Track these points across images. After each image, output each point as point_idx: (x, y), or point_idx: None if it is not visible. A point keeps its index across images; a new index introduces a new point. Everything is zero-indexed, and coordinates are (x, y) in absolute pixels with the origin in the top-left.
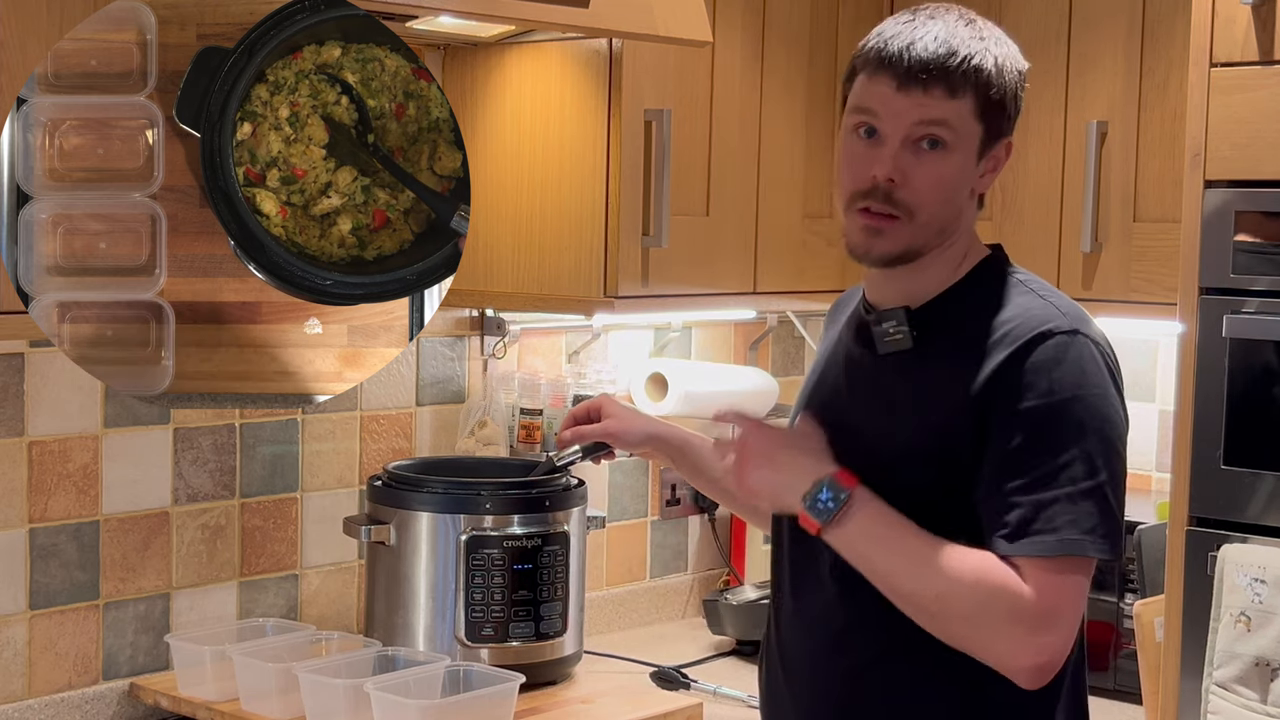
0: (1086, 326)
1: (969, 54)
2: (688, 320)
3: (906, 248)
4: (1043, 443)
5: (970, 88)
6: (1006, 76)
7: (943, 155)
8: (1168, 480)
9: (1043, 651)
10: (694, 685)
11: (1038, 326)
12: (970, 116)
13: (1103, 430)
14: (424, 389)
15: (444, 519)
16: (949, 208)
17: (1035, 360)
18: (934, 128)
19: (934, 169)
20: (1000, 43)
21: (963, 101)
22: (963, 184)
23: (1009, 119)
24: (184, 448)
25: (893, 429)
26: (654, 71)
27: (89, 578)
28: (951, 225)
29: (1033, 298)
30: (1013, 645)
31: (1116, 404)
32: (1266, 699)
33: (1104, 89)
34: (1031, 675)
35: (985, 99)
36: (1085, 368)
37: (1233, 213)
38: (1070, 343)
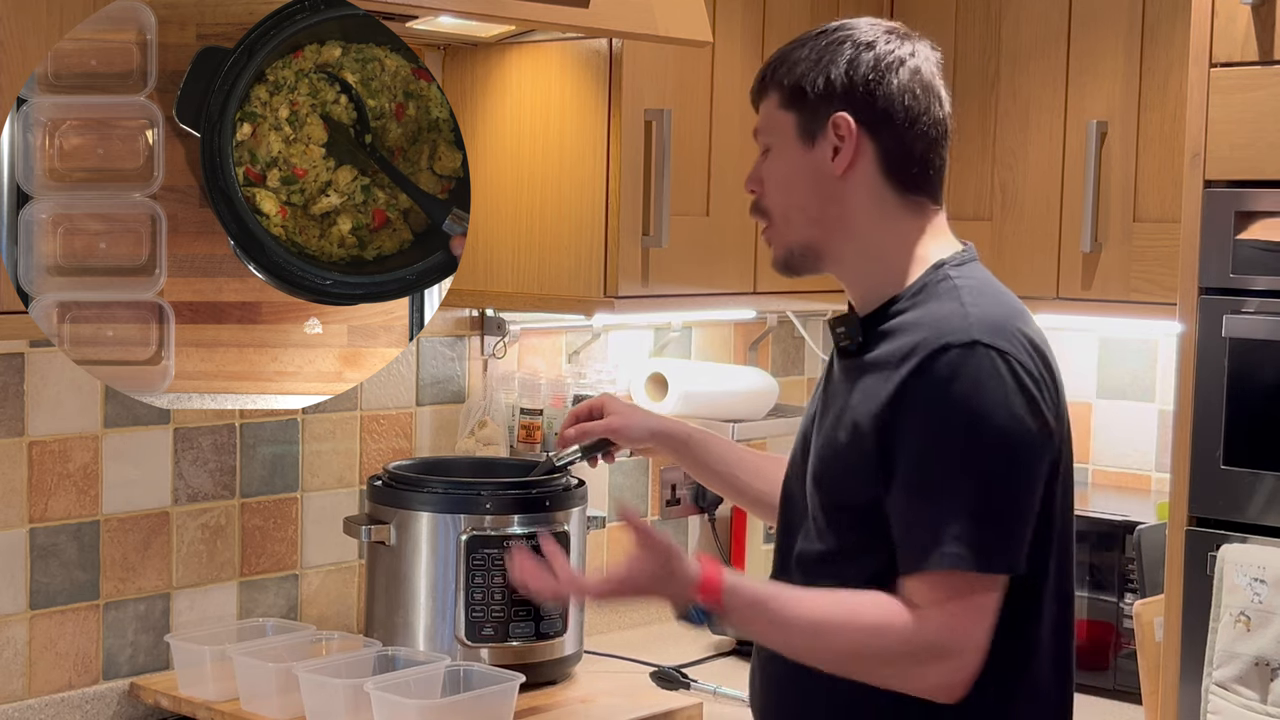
0: (992, 336)
1: (773, 61)
2: (688, 320)
3: (785, 249)
4: (931, 460)
5: (771, 87)
6: (808, 61)
7: (773, 156)
8: (1168, 480)
9: (946, 673)
10: (694, 685)
11: (937, 341)
12: (775, 110)
13: (994, 444)
14: (424, 389)
15: (444, 519)
16: (794, 196)
17: (928, 377)
18: (759, 136)
19: (769, 169)
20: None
21: (768, 101)
22: (795, 172)
23: (824, 96)
24: (184, 448)
25: (833, 431)
26: (654, 71)
27: (89, 578)
28: (822, 214)
29: (954, 305)
30: (918, 672)
31: (1016, 415)
32: (1266, 699)
33: (1104, 89)
34: (947, 695)
35: (784, 89)
36: (979, 381)
37: (1233, 213)
38: (967, 356)
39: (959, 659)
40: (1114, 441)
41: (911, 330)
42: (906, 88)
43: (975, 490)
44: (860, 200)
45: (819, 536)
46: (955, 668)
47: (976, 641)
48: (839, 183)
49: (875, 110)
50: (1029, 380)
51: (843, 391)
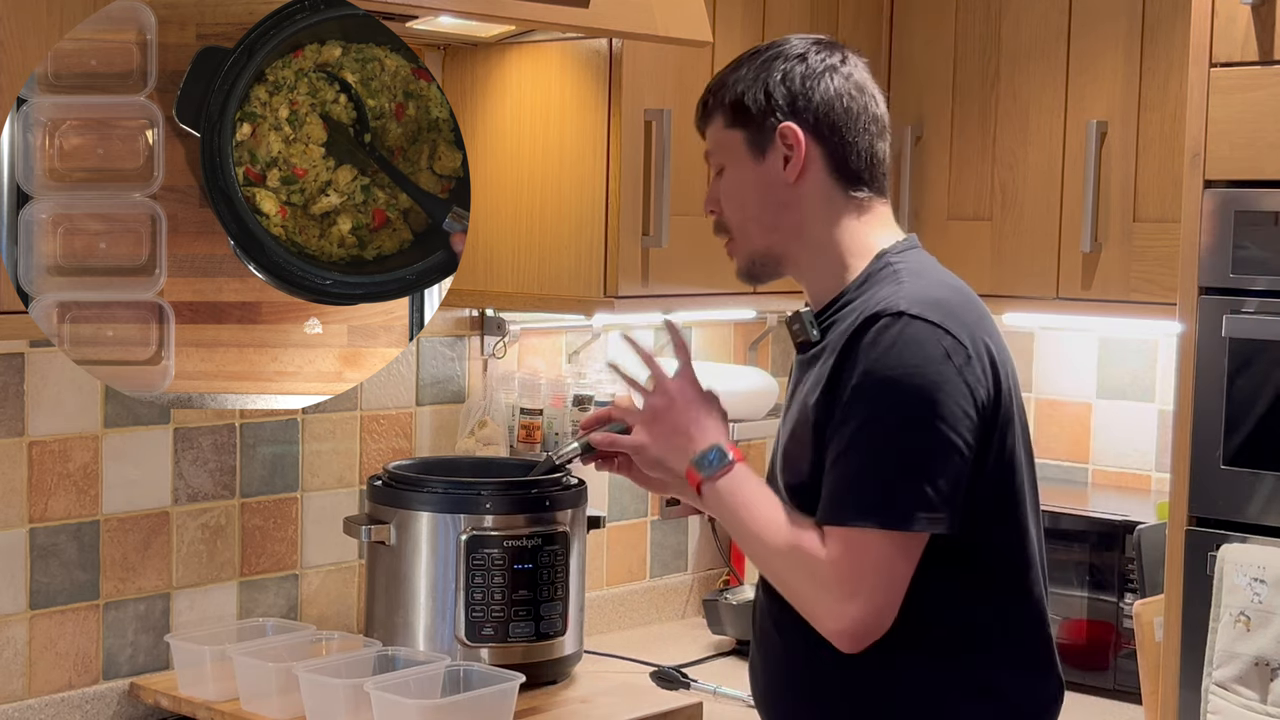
0: (921, 307)
1: (709, 86)
2: (688, 320)
3: (747, 259)
4: (854, 419)
5: (714, 109)
6: (747, 79)
7: (726, 175)
8: (1168, 480)
9: (843, 618)
10: (694, 685)
11: (869, 312)
12: (721, 130)
13: (914, 407)
14: (424, 389)
15: (444, 519)
16: (750, 209)
17: (860, 344)
18: (710, 158)
19: (722, 189)
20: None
21: (714, 123)
22: (749, 185)
23: (766, 109)
24: (184, 448)
25: (791, 420)
26: (654, 71)
27: (89, 578)
28: (779, 222)
29: (891, 286)
30: (817, 608)
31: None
32: (1266, 699)
33: (1104, 89)
34: (841, 640)
35: (726, 106)
36: (904, 347)
37: (1232, 213)
38: (893, 324)
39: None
40: (1114, 441)
41: (853, 315)
42: (841, 90)
43: (890, 449)
44: (813, 203)
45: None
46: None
47: (878, 593)
48: (792, 189)
49: (817, 115)
50: (956, 350)
51: (799, 383)
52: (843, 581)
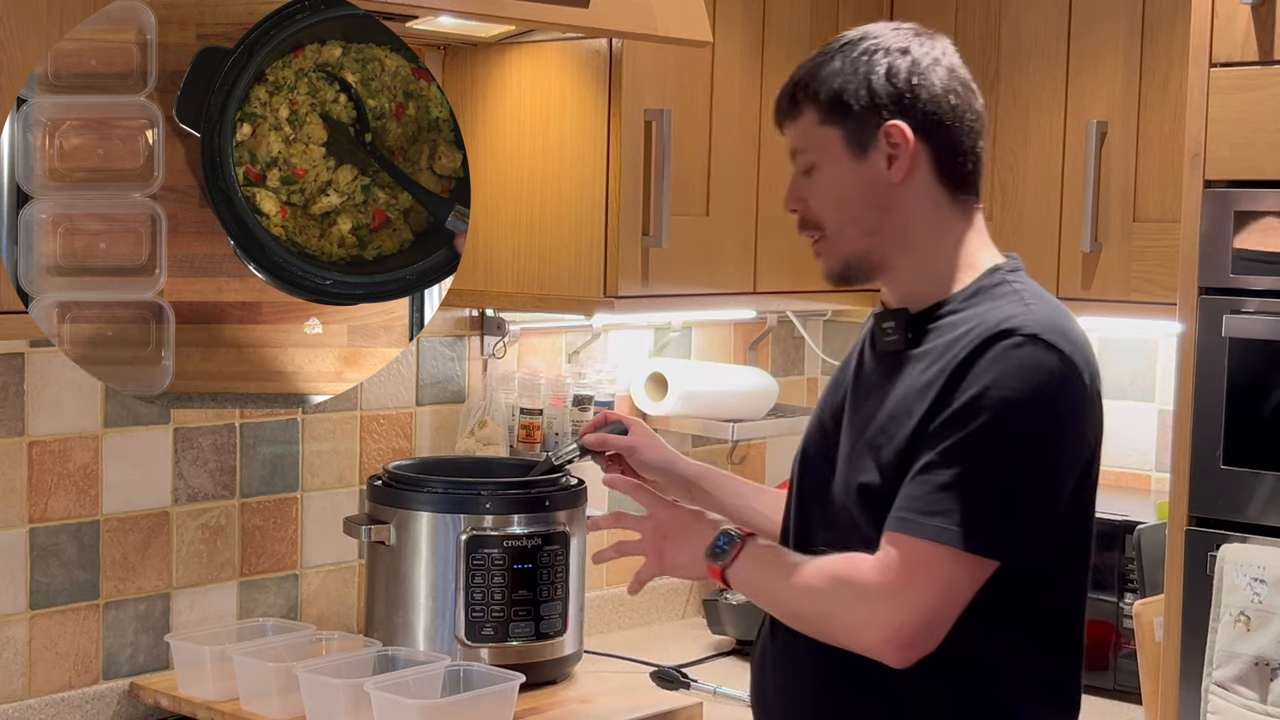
0: (1054, 334)
1: (797, 78)
2: (688, 320)
3: (842, 261)
4: (961, 432)
5: (804, 103)
6: (844, 73)
7: (817, 172)
8: (1168, 480)
9: (889, 626)
10: (694, 685)
11: (997, 327)
12: (814, 127)
13: (1028, 434)
14: (424, 389)
15: (444, 519)
16: (850, 210)
17: (982, 358)
18: (797, 156)
19: (815, 188)
20: (855, 47)
21: (804, 120)
22: (849, 185)
23: (871, 107)
24: (184, 448)
25: (874, 421)
26: (654, 71)
27: (89, 578)
28: (879, 224)
29: (1014, 304)
30: (861, 622)
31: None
32: (1266, 699)
33: (1104, 89)
34: (888, 650)
35: (821, 103)
36: (1032, 371)
37: (1232, 213)
38: (1023, 344)
39: (914, 615)
40: (1114, 441)
41: (967, 324)
42: (949, 86)
43: (988, 472)
44: (918, 206)
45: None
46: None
47: (927, 603)
48: (896, 191)
49: (925, 114)
50: (1079, 385)
51: (884, 384)
52: (891, 591)
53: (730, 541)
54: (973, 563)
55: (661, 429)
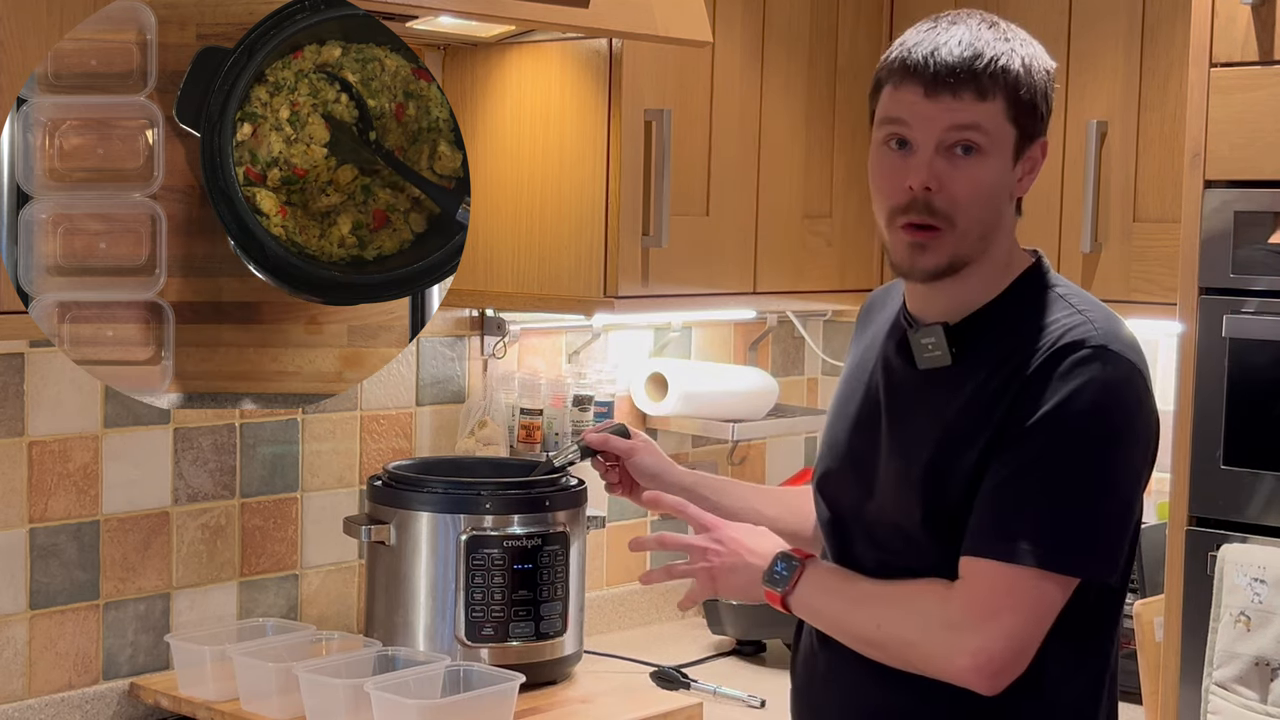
0: (1118, 343)
1: (995, 55)
2: (688, 320)
3: (951, 259)
4: (1039, 449)
5: (999, 89)
6: (1035, 76)
7: (979, 160)
8: (1168, 480)
9: (979, 654)
10: (694, 685)
11: (1063, 340)
12: (1002, 118)
13: (1109, 448)
14: (424, 389)
15: (444, 519)
16: (989, 213)
17: (1055, 373)
18: (967, 132)
19: (971, 174)
20: (1026, 43)
21: (993, 104)
22: (1001, 188)
23: (1041, 118)
24: (184, 448)
25: (931, 441)
26: (654, 71)
27: (89, 578)
28: (993, 232)
29: (1069, 313)
30: (948, 649)
31: (1136, 426)
32: (1266, 699)
33: (1104, 89)
34: (977, 679)
35: (1015, 100)
36: (1106, 384)
37: (1232, 213)
38: (1094, 358)
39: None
40: None
41: (1025, 337)
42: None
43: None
44: (1011, 219)
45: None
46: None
47: (1017, 629)
48: (1009, 203)
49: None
50: (1147, 392)
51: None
52: (978, 617)
53: (790, 566)
54: (1058, 581)
55: (661, 429)
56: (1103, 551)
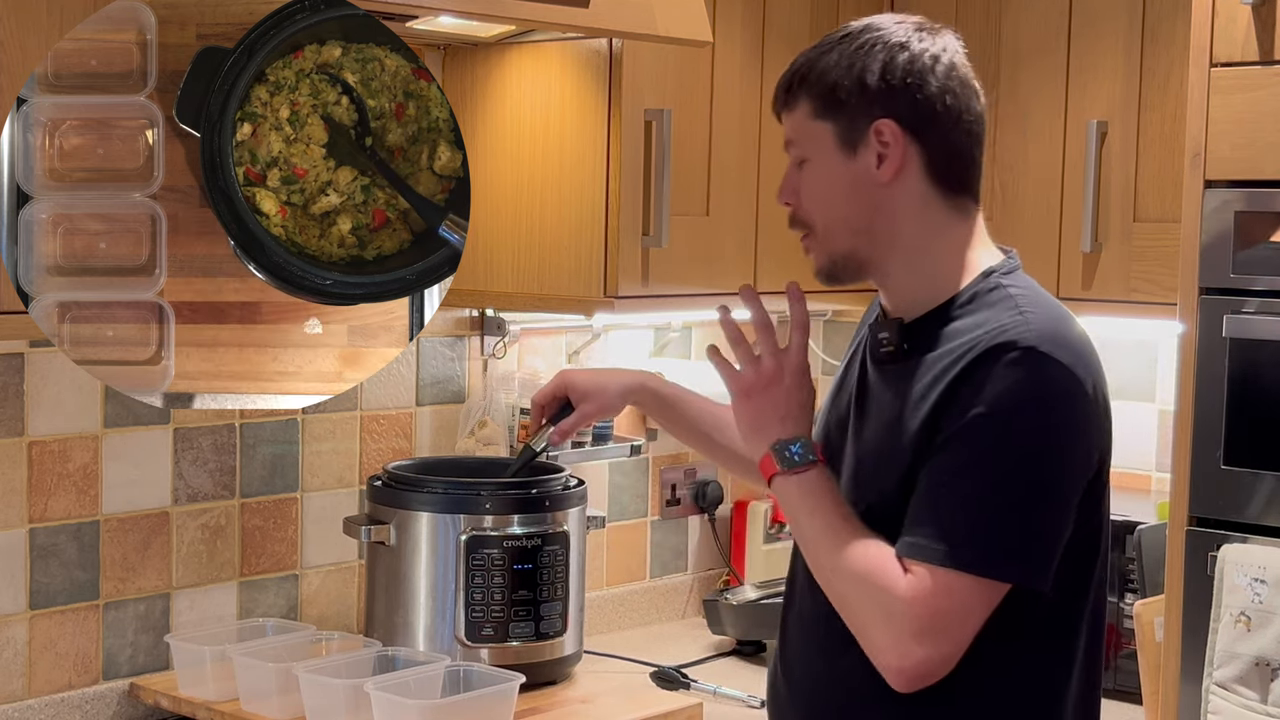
0: (1053, 345)
1: (796, 67)
2: (688, 320)
3: (828, 259)
4: (967, 453)
5: (799, 96)
6: (840, 67)
7: (808, 167)
8: (1168, 480)
9: (909, 657)
10: (694, 685)
11: (995, 340)
12: (808, 120)
13: (1034, 452)
14: (424, 389)
15: (444, 519)
16: (848, 211)
17: (982, 375)
18: (791, 148)
19: (805, 182)
20: (853, 40)
21: (798, 111)
22: (846, 185)
23: (861, 103)
24: (184, 448)
25: (873, 440)
26: (654, 71)
27: (89, 578)
28: (868, 224)
29: (1011, 312)
30: (883, 642)
31: (1065, 427)
32: (1266, 699)
33: (1104, 89)
34: (899, 678)
35: (817, 96)
36: (1033, 386)
37: (1233, 213)
38: (1024, 359)
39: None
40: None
41: (964, 336)
42: (946, 86)
43: (1002, 493)
44: (907, 207)
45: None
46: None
47: (955, 639)
48: (885, 191)
49: (918, 113)
50: (1082, 395)
51: (882, 397)
52: (919, 623)
53: (804, 455)
54: (991, 588)
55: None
56: (1030, 558)
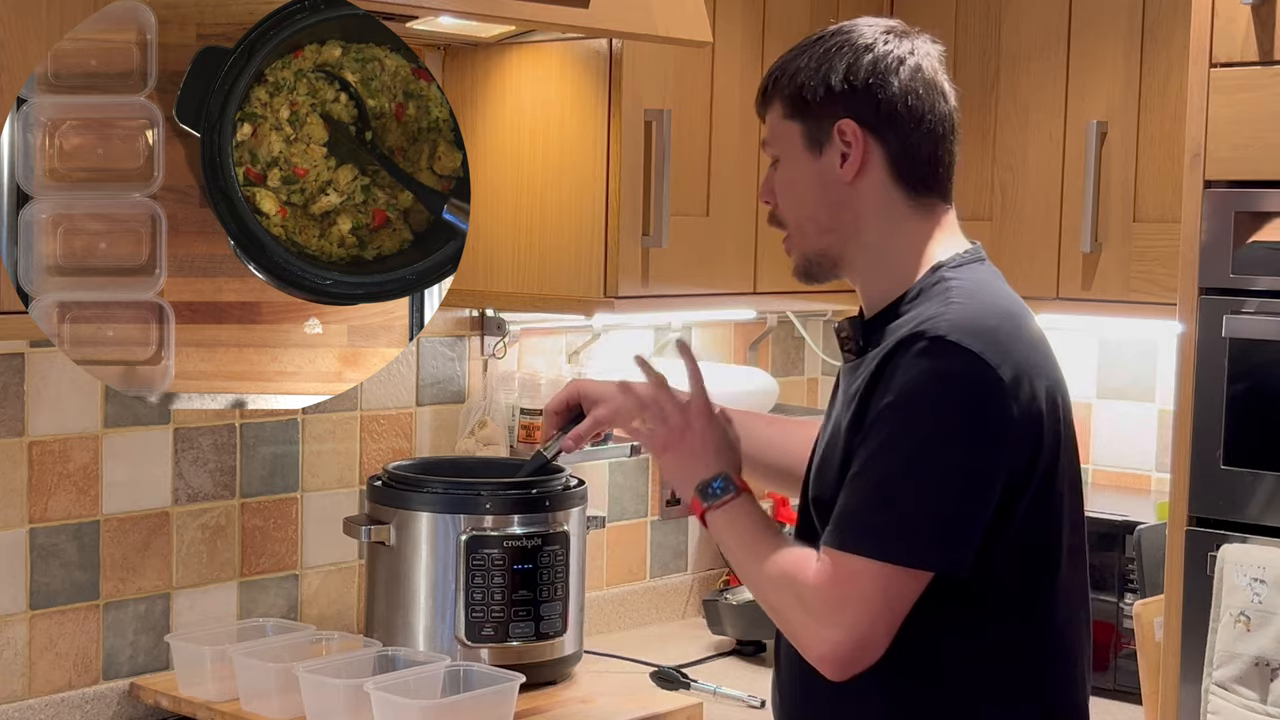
0: (964, 334)
1: (770, 72)
2: (688, 320)
3: (801, 257)
4: (874, 443)
5: (773, 96)
6: (809, 68)
7: (782, 167)
8: (1168, 480)
9: (825, 642)
10: (694, 685)
11: (909, 332)
12: (780, 120)
13: (936, 440)
14: (424, 389)
15: (444, 519)
16: (815, 209)
17: (893, 365)
18: (767, 148)
19: (778, 182)
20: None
21: (772, 113)
22: (813, 183)
23: (824, 103)
24: (184, 448)
25: (828, 433)
26: (654, 71)
27: (89, 578)
28: (835, 222)
29: (939, 304)
30: (803, 631)
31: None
32: (1266, 699)
33: (1104, 89)
34: (825, 665)
35: (786, 97)
36: (935, 375)
37: (1233, 213)
38: (930, 348)
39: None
40: (1114, 441)
41: (897, 331)
42: (908, 87)
43: (902, 478)
44: (872, 205)
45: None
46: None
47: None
48: (849, 189)
49: (879, 113)
50: (991, 384)
51: (839, 395)
52: (827, 606)
53: (725, 489)
54: (899, 574)
55: None
56: (938, 544)
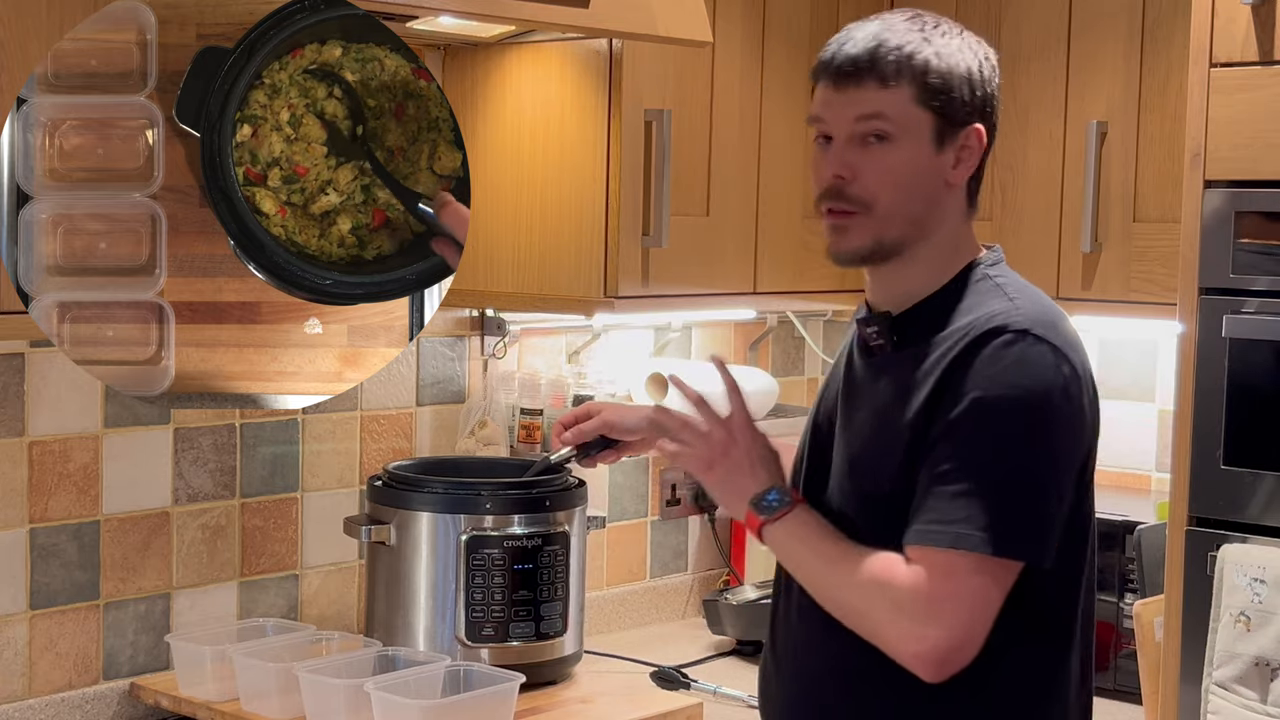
0: (1044, 329)
1: (900, 44)
2: (688, 320)
3: (873, 241)
4: (964, 438)
5: (904, 76)
6: (949, 61)
7: (889, 147)
8: (1168, 480)
9: (923, 641)
10: (694, 685)
11: (987, 325)
12: (910, 104)
13: (1030, 432)
14: (424, 389)
15: (444, 519)
16: (908, 196)
17: (978, 358)
18: (874, 121)
19: (882, 160)
20: (947, 34)
21: (897, 90)
22: (919, 173)
23: (967, 105)
24: (184, 448)
25: (867, 430)
26: (654, 71)
27: (89, 578)
28: (923, 216)
29: (1000, 300)
30: (896, 632)
31: (1060, 408)
32: (1266, 699)
33: (1104, 89)
34: (922, 666)
35: (924, 85)
36: (1026, 368)
37: (1233, 213)
38: (1016, 342)
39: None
40: (1114, 441)
41: (955, 324)
42: (1001, 97)
43: (1001, 472)
44: (954, 207)
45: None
46: (947, 637)
47: (962, 617)
48: (947, 190)
49: (993, 124)
50: (1074, 378)
51: (871, 388)
52: (925, 605)
53: (782, 501)
54: (999, 567)
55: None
56: (1037, 535)
